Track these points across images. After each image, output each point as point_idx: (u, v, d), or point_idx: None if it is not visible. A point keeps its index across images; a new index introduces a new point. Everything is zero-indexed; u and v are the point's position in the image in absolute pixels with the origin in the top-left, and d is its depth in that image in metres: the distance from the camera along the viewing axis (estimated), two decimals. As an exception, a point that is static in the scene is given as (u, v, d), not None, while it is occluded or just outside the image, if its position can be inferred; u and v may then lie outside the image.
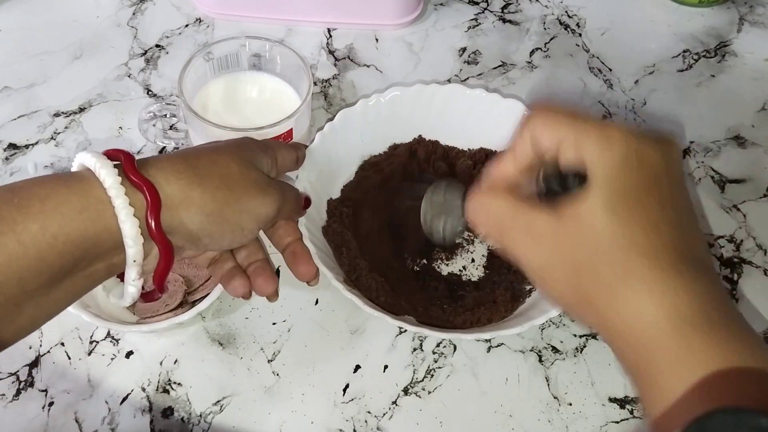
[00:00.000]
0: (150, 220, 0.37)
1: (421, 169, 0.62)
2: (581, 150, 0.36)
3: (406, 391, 0.54)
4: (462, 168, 0.62)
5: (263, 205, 0.43)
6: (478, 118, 0.62)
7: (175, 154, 0.42)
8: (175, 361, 0.54)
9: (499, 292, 0.56)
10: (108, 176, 0.37)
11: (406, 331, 0.55)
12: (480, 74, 0.73)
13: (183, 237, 0.40)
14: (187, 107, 0.58)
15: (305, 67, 0.60)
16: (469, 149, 0.63)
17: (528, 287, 0.56)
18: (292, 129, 0.59)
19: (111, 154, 0.39)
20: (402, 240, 0.59)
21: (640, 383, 0.35)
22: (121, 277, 0.40)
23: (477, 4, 0.79)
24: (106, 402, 0.52)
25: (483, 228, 0.40)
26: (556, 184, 0.38)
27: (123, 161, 0.39)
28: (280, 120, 0.57)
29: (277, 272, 0.58)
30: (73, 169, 0.40)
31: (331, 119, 0.59)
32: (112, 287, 0.46)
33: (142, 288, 0.41)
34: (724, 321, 0.34)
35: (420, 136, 0.63)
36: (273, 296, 0.48)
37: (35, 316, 0.37)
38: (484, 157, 0.62)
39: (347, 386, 0.54)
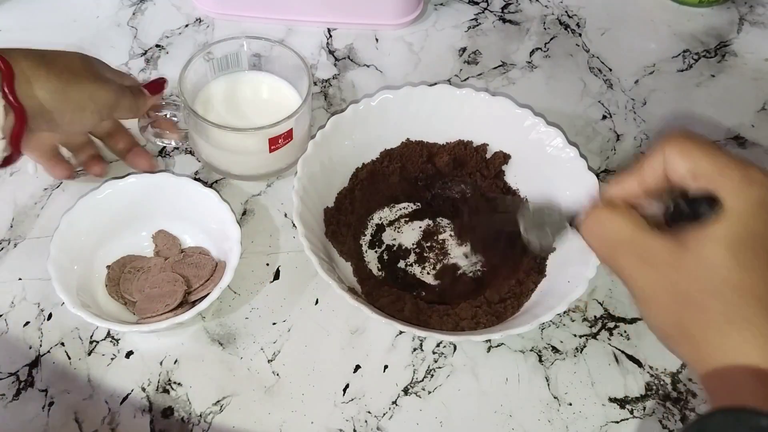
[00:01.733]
0: (4, 86, 0.46)
1: (413, 173, 0.63)
2: (718, 183, 0.36)
3: (406, 391, 0.54)
4: (441, 164, 0.62)
5: (102, 90, 0.52)
6: (466, 117, 0.62)
7: (28, 49, 0.50)
8: (175, 361, 0.54)
9: (501, 294, 0.56)
10: None
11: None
12: (480, 74, 0.73)
13: (34, 108, 0.48)
14: (187, 107, 0.58)
15: (305, 67, 0.60)
16: (447, 142, 0.63)
17: (532, 285, 0.56)
18: (292, 129, 0.59)
19: None
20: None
21: None
22: None
23: (477, 4, 0.79)
24: (106, 402, 0.52)
25: (596, 244, 0.40)
26: (685, 207, 0.37)
27: None
28: (280, 120, 0.57)
29: (278, 272, 0.59)
30: None
31: (323, 127, 0.59)
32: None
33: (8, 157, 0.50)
34: None
35: (408, 139, 0.63)
36: (149, 167, 0.61)
37: None
38: (462, 148, 0.63)
39: (347, 386, 0.54)
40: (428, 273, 0.59)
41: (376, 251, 0.60)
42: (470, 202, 0.61)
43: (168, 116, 0.61)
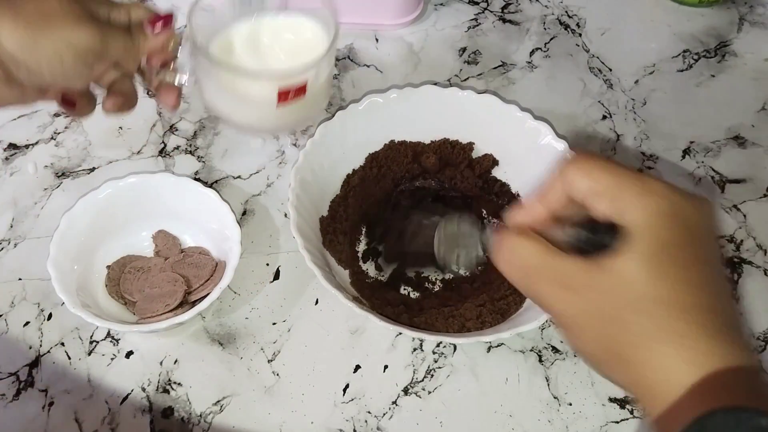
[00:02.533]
0: None
1: (399, 173, 0.63)
2: (619, 200, 0.35)
3: (406, 391, 0.54)
4: (427, 164, 0.62)
5: (82, 35, 0.43)
6: (453, 116, 0.62)
7: None
8: (175, 361, 0.54)
9: (502, 295, 0.56)
10: None
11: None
12: (480, 74, 0.73)
13: (4, 62, 0.41)
14: (191, 39, 0.50)
15: (332, 18, 0.51)
16: (432, 141, 0.63)
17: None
18: (306, 84, 0.51)
19: None
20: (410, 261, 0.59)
21: None
22: None
23: (477, 4, 0.79)
24: (106, 402, 0.52)
25: (508, 272, 0.39)
26: (587, 235, 0.37)
27: None
28: (293, 69, 0.49)
29: (277, 272, 0.59)
30: None
31: (312, 136, 0.59)
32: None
33: None
34: (760, 391, 0.33)
35: (392, 140, 0.63)
36: (175, 105, 0.50)
37: None
38: (449, 147, 0.63)
39: (347, 386, 0.54)
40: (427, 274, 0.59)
41: (372, 260, 0.60)
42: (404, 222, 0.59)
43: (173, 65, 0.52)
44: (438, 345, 0.56)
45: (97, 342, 0.54)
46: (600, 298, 0.35)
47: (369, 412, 0.53)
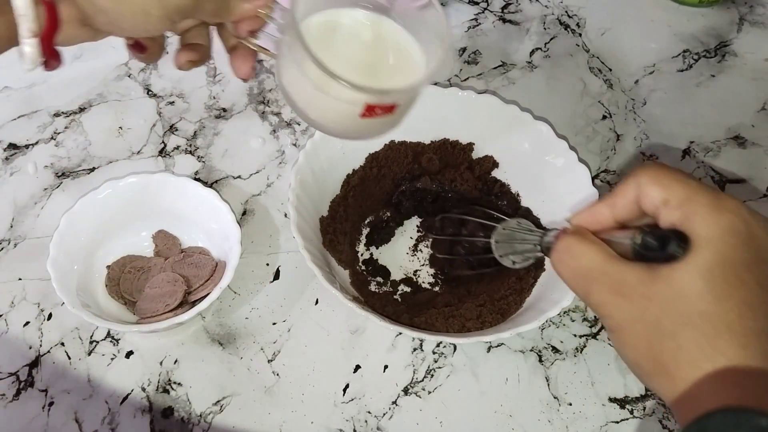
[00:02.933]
0: None
1: (400, 174, 0.63)
2: (689, 212, 0.35)
3: (406, 391, 0.54)
4: (427, 164, 0.62)
5: None
6: (453, 116, 0.62)
7: None
8: (175, 361, 0.54)
9: (502, 295, 0.56)
10: None
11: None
12: (480, 74, 0.73)
13: (85, 7, 0.38)
14: (293, 24, 0.43)
15: (447, 39, 0.46)
16: (432, 141, 0.63)
17: (531, 280, 0.56)
18: (397, 105, 0.45)
19: None
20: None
21: None
22: None
23: (477, 4, 0.79)
24: (106, 402, 0.52)
25: (567, 275, 0.39)
26: (654, 243, 0.36)
27: None
28: (389, 89, 0.44)
29: (277, 272, 0.58)
30: None
31: (312, 136, 0.59)
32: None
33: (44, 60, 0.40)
34: None
35: (392, 141, 0.63)
36: (248, 74, 0.46)
37: None
38: (449, 148, 0.63)
39: (347, 386, 0.54)
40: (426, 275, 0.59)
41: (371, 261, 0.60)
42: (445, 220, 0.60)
43: (262, 33, 0.47)
44: (438, 345, 0.56)
45: (97, 342, 0.54)
46: (653, 306, 0.35)
47: (369, 412, 0.53)
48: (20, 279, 0.57)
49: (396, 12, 0.48)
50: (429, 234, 0.61)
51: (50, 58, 0.40)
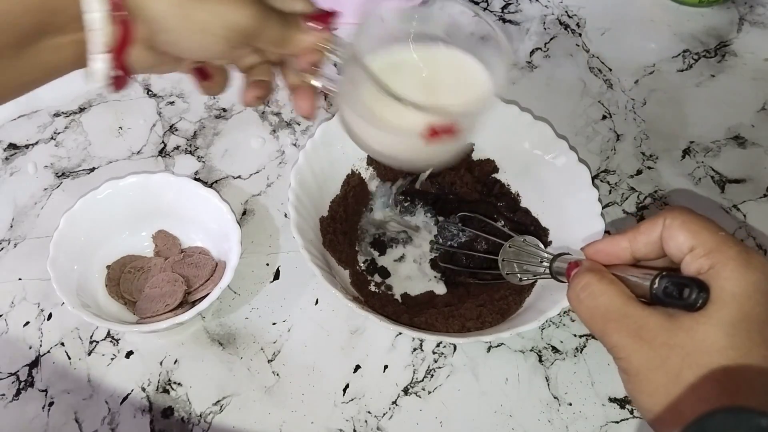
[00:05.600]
0: None
1: (400, 174, 0.62)
2: (716, 263, 0.35)
3: (406, 391, 0.54)
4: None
5: (238, 13, 0.39)
6: None
7: None
8: (175, 361, 0.54)
9: (501, 295, 0.56)
10: None
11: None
12: (480, 74, 0.73)
13: (149, 24, 0.38)
14: (352, 48, 0.45)
15: (508, 60, 0.47)
16: None
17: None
18: (458, 126, 0.45)
19: None
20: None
21: None
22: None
23: (477, 4, 0.79)
24: (106, 402, 0.52)
25: (584, 314, 0.38)
26: (675, 289, 0.36)
27: None
28: (448, 108, 0.44)
29: (277, 272, 0.59)
30: None
31: (312, 136, 0.59)
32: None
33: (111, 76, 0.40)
34: None
35: None
36: (309, 113, 0.47)
37: (1, 82, 0.38)
38: None
39: (347, 386, 0.54)
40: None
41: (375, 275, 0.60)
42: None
43: (322, 68, 0.47)
44: (438, 345, 0.56)
45: (97, 342, 0.54)
46: (674, 356, 0.34)
47: (369, 412, 0.53)
48: (20, 279, 0.57)
49: (456, 43, 0.48)
50: (434, 242, 0.60)
51: (122, 73, 0.40)
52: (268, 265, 0.59)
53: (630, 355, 0.36)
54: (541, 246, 0.49)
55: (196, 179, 0.60)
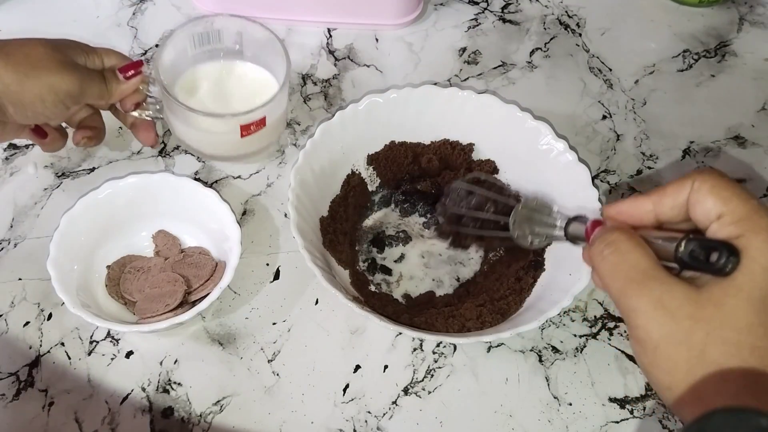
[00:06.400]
0: None
1: (400, 174, 0.63)
2: (746, 232, 0.33)
3: (406, 391, 0.54)
4: (426, 165, 0.62)
5: (63, 81, 0.50)
6: (453, 116, 0.62)
7: None
8: (175, 361, 0.54)
9: (502, 294, 0.56)
10: None
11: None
12: (480, 74, 0.73)
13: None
14: (161, 87, 0.57)
15: (284, 53, 0.59)
16: (432, 142, 0.63)
17: (531, 280, 0.56)
18: (265, 117, 0.58)
19: None
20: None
21: None
22: None
23: (477, 4, 0.79)
24: (106, 402, 0.52)
25: (608, 273, 0.36)
26: (702, 253, 0.34)
27: None
28: (252, 108, 0.57)
29: (278, 272, 0.59)
30: None
31: (312, 135, 0.59)
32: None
33: None
34: None
35: (392, 141, 0.63)
36: (153, 142, 0.60)
37: None
38: (449, 148, 0.63)
39: (347, 386, 0.54)
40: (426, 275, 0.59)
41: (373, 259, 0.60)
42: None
43: (141, 89, 0.59)
44: (438, 345, 0.56)
45: (97, 342, 0.54)
46: (699, 330, 0.33)
47: (369, 412, 0.53)
48: (20, 279, 0.57)
49: (246, 53, 0.63)
50: (439, 208, 0.56)
51: None
52: (268, 265, 0.59)
53: (648, 323, 0.34)
54: (556, 207, 0.46)
55: (196, 179, 0.60)
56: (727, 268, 0.33)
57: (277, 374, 0.54)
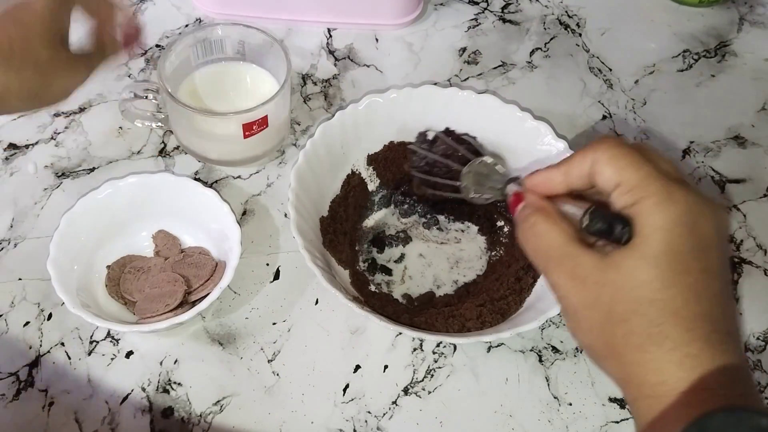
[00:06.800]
0: None
1: (399, 175, 0.62)
2: (639, 199, 0.36)
3: (406, 391, 0.54)
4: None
5: (73, 81, 0.50)
6: (453, 116, 0.62)
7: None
8: (175, 361, 0.54)
9: (502, 294, 0.56)
10: None
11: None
12: (480, 74, 0.73)
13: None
14: (163, 89, 0.58)
15: (284, 55, 0.60)
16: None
17: (531, 280, 0.56)
18: (267, 116, 0.59)
19: None
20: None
21: None
22: None
23: (477, 4, 0.79)
24: (106, 402, 0.52)
25: (530, 252, 0.40)
26: (602, 226, 0.38)
27: None
28: (254, 106, 0.58)
29: (278, 272, 0.59)
30: None
31: (312, 135, 0.59)
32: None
33: None
34: (750, 389, 0.34)
35: (392, 141, 0.63)
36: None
37: None
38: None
39: (347, 386, 0.54)
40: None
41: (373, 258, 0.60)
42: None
43: (148, 98, 0.62)
44: (438, 345, 0.56)
45: (97, 342, 0.54)
46: (605, 293, 0.36)
47: (369, 412, 0.53)
48: (20, 279, 0.57)
49: (247, 57, 0.64)
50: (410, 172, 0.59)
51: None
52: (268, 265, 0.59)
53: (567, 293, 0.38)
54: (499, 167, 0.50)
55: (196, 179, 0.60)
56: (624, 237, 0.36)
57: (277, 374, 0.54)
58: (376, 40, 0.75)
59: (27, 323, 0.55)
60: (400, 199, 0.63)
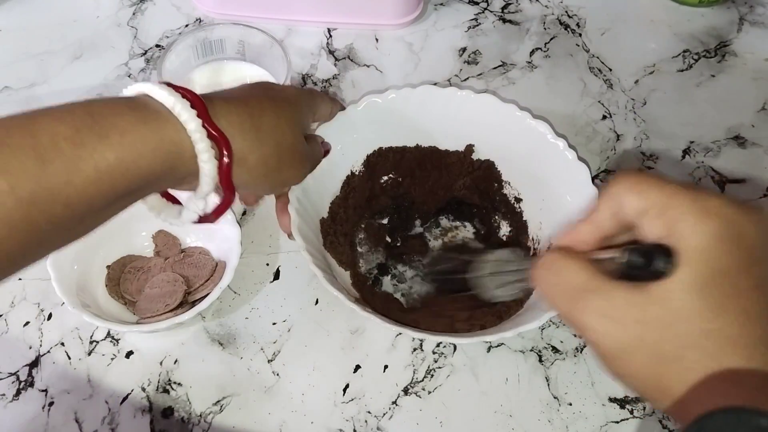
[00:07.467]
0: (223, 170, 0.41)
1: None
2: (672, 221, 0.33)
3: (406, 391, 0.54)
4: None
5: (298, 176, 0.49)
6: (453, 116, 0.62)
7: (239, 103, 0.43)
8: (175, 361, 0.54)
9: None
10: (190, 121, 0.38)
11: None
12: (480, 74, 0.73)
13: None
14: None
15: (284, 55, 0.61)
16: (417, 145, 0.63)
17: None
18: None
19: (180, 92, 0.39)
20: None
21: None
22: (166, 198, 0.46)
23: (477, 4, 0.79)
24: (106, 402, 0.52)
25: (551, 294, 0.36)
26: (640, 260, 0.34)
27: (198, 107, 0.39)
28: None
29: (278, 272, 0.59)
30: (129, 92, 0.40)
31: None
32: (162, 208, 0.45)
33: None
34: None
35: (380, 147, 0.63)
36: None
37: (90, 226, 0.40)
38: (431, 154, 0.63)
39: (347, 386, 0.54)
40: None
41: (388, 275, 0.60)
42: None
43: None
44: (438, 345, 0.56)
45: (97, 342, 0.54)
46: (650, 332, 0.33)
47: (369, 412, 0.53)
48: (20, 279, 0.57)
49: (247, 57, 0.64)
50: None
51: (227, 191, 0.43)
52: (268, 265, 0.59)
53: (600, 338, 0.34)
54: (513, 256, 0.46)
55: (196, 179, 0.60)
56: (667, 269, 0.33)
57: (277, 374, 0.54)
58: (376, 40, 0.75)
59: (27, 323, 0.55)
60: (400, 203, 0.63)
